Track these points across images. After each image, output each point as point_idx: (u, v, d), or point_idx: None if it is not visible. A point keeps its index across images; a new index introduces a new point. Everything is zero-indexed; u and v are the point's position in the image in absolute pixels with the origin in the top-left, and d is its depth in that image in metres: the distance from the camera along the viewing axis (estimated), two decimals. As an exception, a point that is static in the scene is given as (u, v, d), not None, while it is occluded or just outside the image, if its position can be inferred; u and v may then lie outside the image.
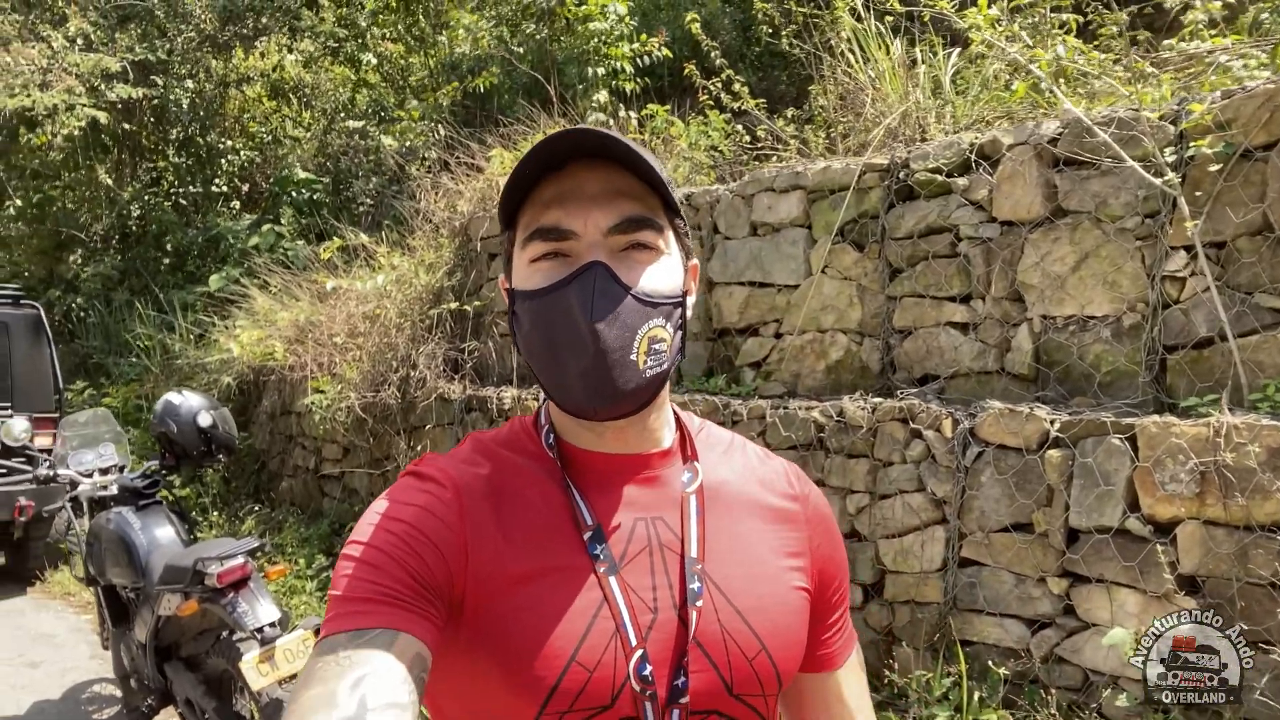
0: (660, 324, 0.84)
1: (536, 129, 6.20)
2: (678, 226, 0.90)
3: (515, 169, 0.83)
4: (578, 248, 0.83)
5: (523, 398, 4.79)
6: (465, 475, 0.87)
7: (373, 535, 0.80)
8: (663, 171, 0.84)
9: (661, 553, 0.87)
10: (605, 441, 0.89)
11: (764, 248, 3.96)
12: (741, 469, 0.97)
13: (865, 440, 3.25)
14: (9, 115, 8.06)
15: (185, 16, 9.21)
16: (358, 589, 0.76)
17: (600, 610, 0.82)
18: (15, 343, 5.98)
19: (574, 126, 0.84)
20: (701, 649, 0.84)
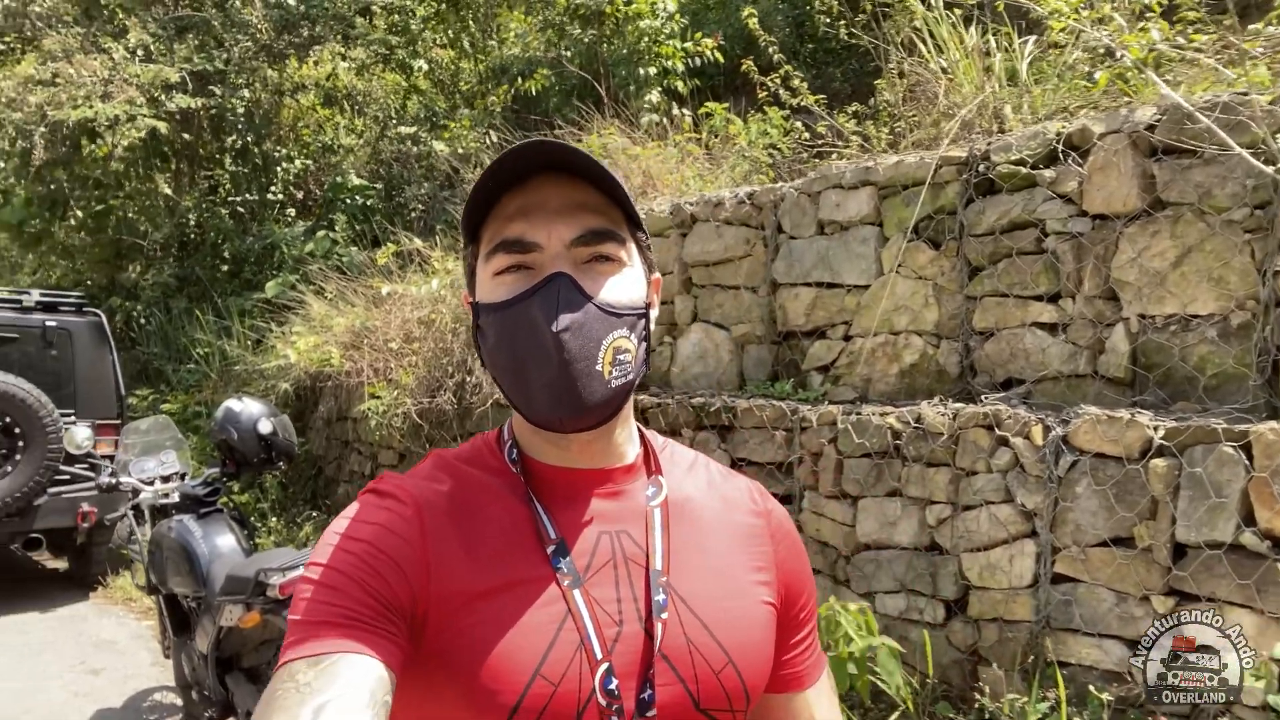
0: (624, 335, 0.84)
1: (590, 130, 6.12)
2: (640, 240, 0.91)
3: (477, 183, 0.83)
4: (541, 260, 0.83)
5: (581, 403, 4.68)
6: (426, 492, 0.86)
7: (332, 556, 0.79)
8: (624, 185, 0.85)
9: (626, 565, 0.87)
10: (570, 456, 0.89)
11: (832, 247, 3.81)
12: (705, 485, 0.98)
13: (946, 448, 3.09)
14: (72, 126, 8.21)
15: (242, 26, 9.31)
16: (318, 612, 0.75)
17: (564, 624, 0.81)
18: (79, 350, 6.05)
19: (534, 139, 0.83)
20: (668, 662, 0.83)
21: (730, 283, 4.29)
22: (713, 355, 4.37)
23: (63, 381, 5.91)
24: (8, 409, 5.34)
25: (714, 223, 4.34)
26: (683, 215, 4.54)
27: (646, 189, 5.53)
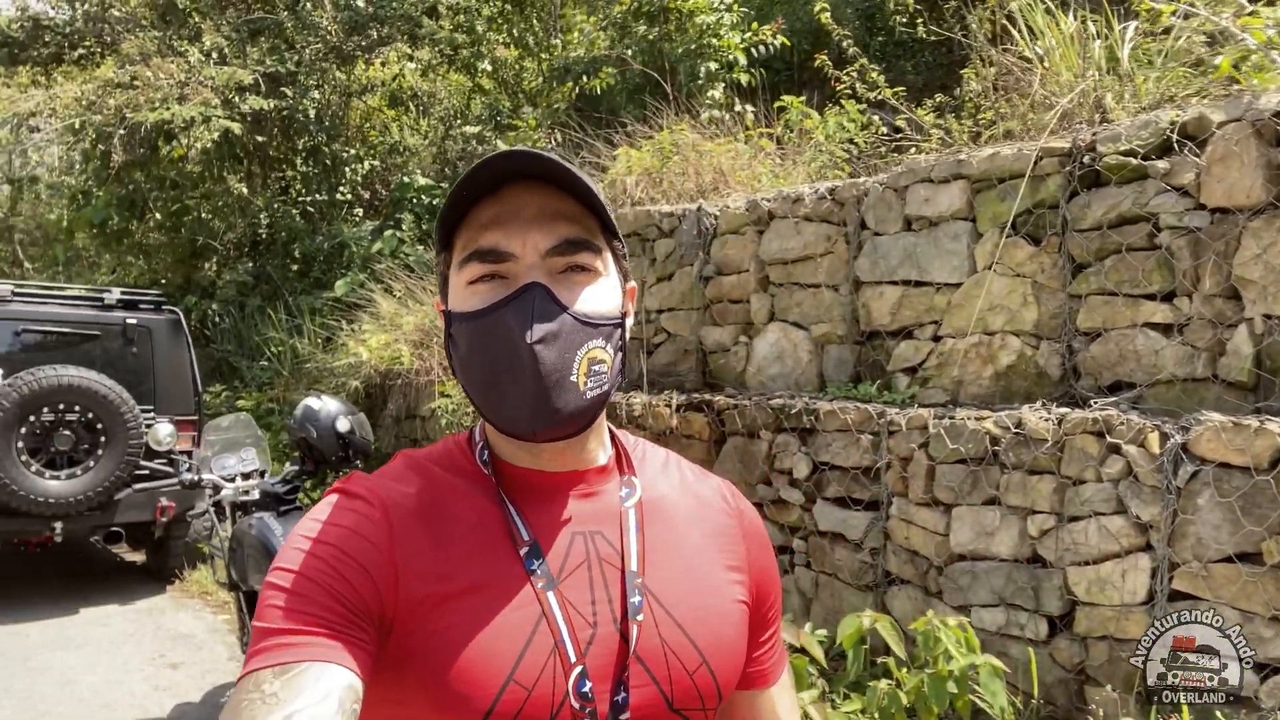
0: (600, 345, 0.84)
1: (657, 127, 6.03)
2: (615, 249, 0.90)
3: (452, 191, 0.82)
4: (516, 269, 0.82)
5: (653, 404, 4.60)
6: (394, 493, 0.85)
7: (298, 560, 0.78)
8: (600, 193, 0.84)
9: (601, 567, 0.86)
10: (542, 460, 0.88)
11: (920, 243, 3.67)
12: (679, 485, 0.97)
13: (1050, 455, 2.92)
14: (149, 128, 8.39)
15: (312, 28, 9.44)
16: (284, 619, 0.74)
17: (538, 626, 0.80)
18: (157, 347, 6.16)
19: (511, 148, 0.81)
20: (642, 664, 0.83)
21: (810, 281, 4.16)
22: (791, 355, 4.24)
23: (142, 378, 6.03)
24: (91, 405, 5.45)
25: (793, 219, 4.22)
26: (759, 212, 4.42)
27: (718, 185, 5.43)
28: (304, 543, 0.80)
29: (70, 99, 8.78)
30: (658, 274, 5.05)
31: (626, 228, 5.27)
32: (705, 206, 4.80)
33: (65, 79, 9.48)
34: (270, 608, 0.75)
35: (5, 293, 5.72)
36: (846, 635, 2.84)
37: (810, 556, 3.76)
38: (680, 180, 5.51)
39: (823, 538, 3.70)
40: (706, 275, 4.72)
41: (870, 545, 3.50)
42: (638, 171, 5.47)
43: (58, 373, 5.35)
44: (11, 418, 5.20)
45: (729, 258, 4.61)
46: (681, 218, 4.92)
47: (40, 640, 5.16)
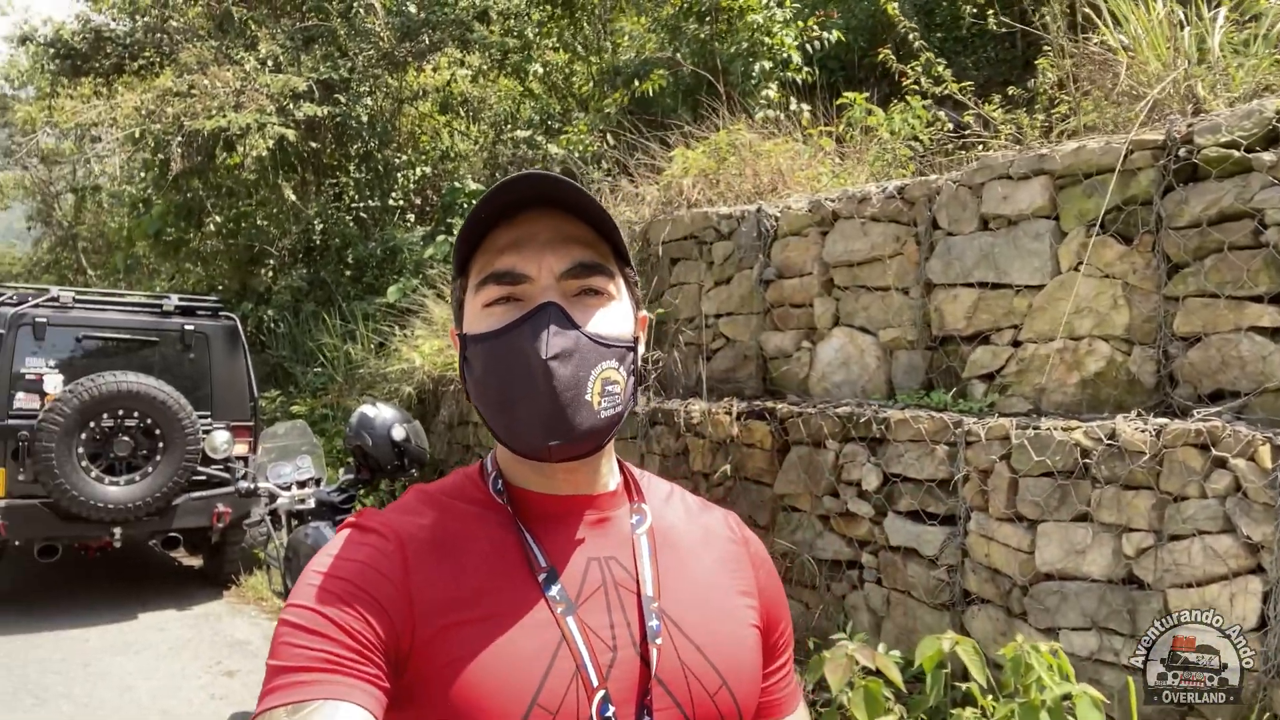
0: (613, 366, 0.84)
1: (712, 128, 5.90)
2: (628, 275, 0.91)
3: (469, 216, 0.84)
4: (531, 291, 0.84)
5: (712, 411, 4.47)
6: (409, 525, 0.85)
7: (312, 596, 0.78)
8: (614, 220, 0.86)
9: (617, 592, 0.86)
10: (555, 484, 0.89)
11: (997, 243, 3.48)
12: (684, 514, 0.98)
13: (1148, 469, 2.73)
14: (206, 136, 8.49)
15: (365, 35, 9.48)
16: (296, 657, 0.74)
17: (559, 651, 0.80)
18: (214, 353, 6.19)
19: (525, 172, 0.83)
20: (664, 686, 0.83)
21: (877, 284, 4.00)
22: (857, 362, 4.08)
23: (199, 384, 6.06)
24: (150, 411, 5.48)
25: (859, 219, 4.06)
26: (823, 212, 4.27)
27: (776, 186, 5.28)
28: (318, 579, 0.79)
29: (130, 108, 8.92)
30: (715, 278, 4.92)
31: (683, 230, 5.15)
32: (765, 207, 4.66)
33: (126, 90, 9.64)
34: (283, 645, 0.75)
35: (66, 300, 5.78)
36: (926, 658, 2.67)
37: (881, 572, 3.59)
38: (737, 181, 5.36)
39: (894, 553, 3.53)
40: (767, 278, 4.57)
41: (946, 562, 3.33)
42: (694, 173, 5.34)
43: (117, 379, 5.39)
44: (72, 424, 5.24)
45: (790, 260, 4.46)
46: (740, 219, 4.79)
47: (100, 645, 5.19)
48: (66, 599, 6.02)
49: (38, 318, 5.57)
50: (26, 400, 5.45)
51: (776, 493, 4.09)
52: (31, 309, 5.59)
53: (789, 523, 4.02)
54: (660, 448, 4.79)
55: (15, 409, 5.41)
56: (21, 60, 20.04)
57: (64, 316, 5.71)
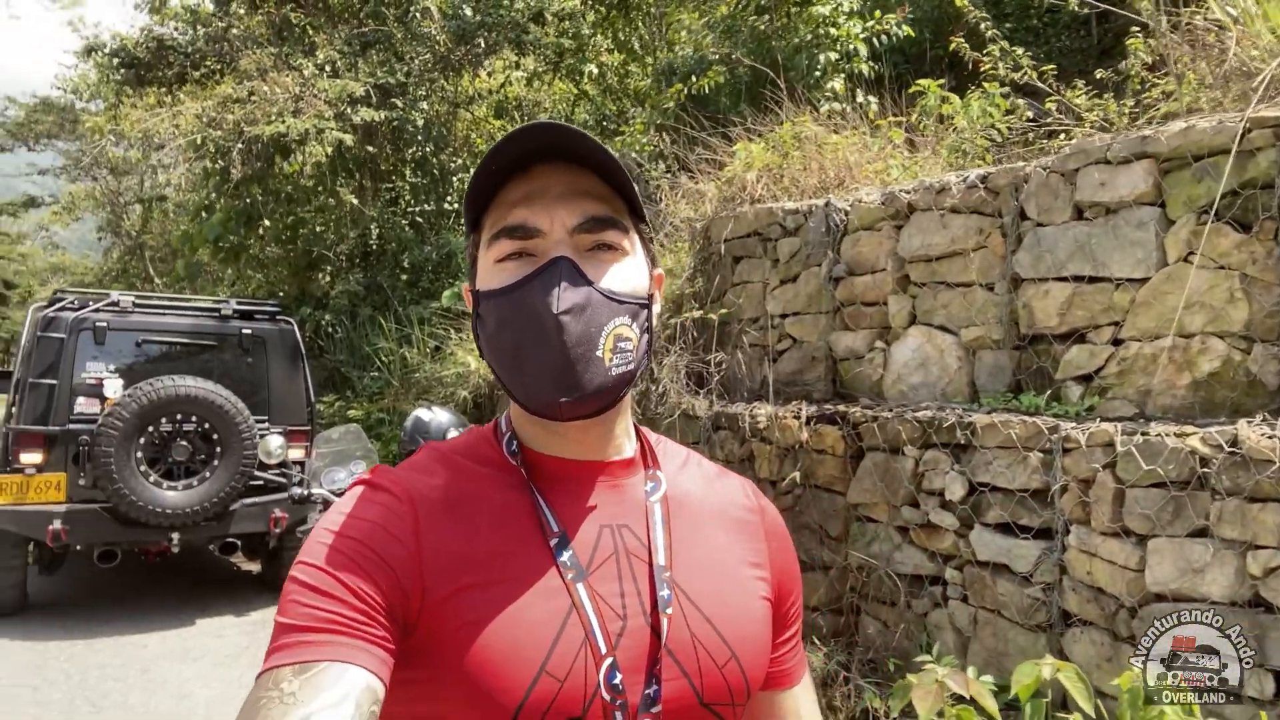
0: (626, 323, 0.84)
1: (774, 123, 5.69)
2: (642, 232, 0.90)
3: (478, 169, 0.82)
4: (543, 245, 0.83)
5: (779, 415, 4.25)
6: (420, 485, 0.84)
7: (321, 555, 0.76)
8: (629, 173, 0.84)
9: (629, 560, 0.85)
10: (568, 446, 0.88)
11: (1095, 233, 3.22)
12: (700, 482, 0.97)
13: (1276, 480, 2.45)
14: (266, 142, 8.52)
15: (421, 39, 9.46)
16: (304, 616, 0.73)
17: (569, 618, 0.80)
18: (272, 357, 6.16)
19: (536, 122, 0.81)
20: (673, 657, 0.82)
21: (958, 279, 3.75)
22: (936, 362, 3.83)
23: (257, 388, 6.03)
24: (207, 415, 5.45)
25: (937, 211, 3.82)
26: (898, 204, 4.03)
27: (843, 180, 5.05)
28: (328, 536, 0.78)
29: (192, 116, 9.02)
30: (781, 275, 4.70)
31: (746, 227, 4.95)
32: (834, 201, 4.43)
33: (189, 99, 9.77)
34: (292, 603, 0.74)
35: (126, 304, 5.79)
36: (1023, 686, 2.41)
37: (967, 589, 3.33)
38: (802, 176, 5.14)
39: (982, 568, 3.27)
40: (836, 276, 4.35)
41: (1042, 579, 3.07)
42: (758, 167, 5.14)
43: (175, 383, 5.37)
44: (131, 428, 5.23)
45: (862, 256, 4.23)
46: (808, 214, 4.56)
47: (159, 651, 5.16)
48: (125, 604, 6.02)
49: (98, 322, 5.59)
50: (87, 405, 5.46)
51: (850, 502, 3.86)
52: (92, 314, 5.60)
53: (863, 534, 3.79)
54: (724, 453, 4.59)
55: (76, 413, 5.42)
56: (91, 74, 20.66)
57: (124, 321, 5.72)
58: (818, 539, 4.02)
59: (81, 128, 21.67)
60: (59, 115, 23.55)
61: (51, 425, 5.32)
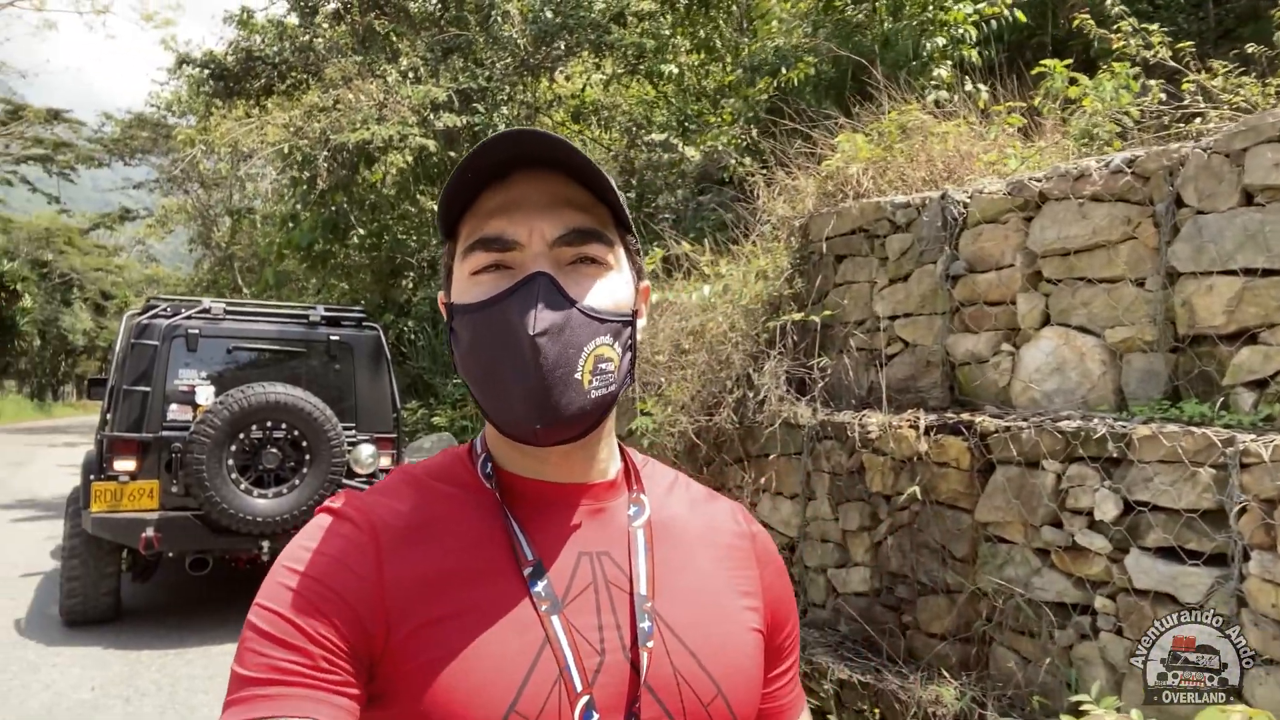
0: (607, 342, 0.79)
1: (872, 115, 5.37)
2: (629, 243, 0.86)
3: (454, 175, 0.78)
4: (521, 259, 0.79)
5: (894, 425, 3.94)
6: (385, 511, 0.80)
7: (278, 596, 0.73)
8: (614, 184, 0.80)
9: (608, 590, 0.81)
10: (547, 469, 0.84)
11: (1269, 220, 2.85)
12: (687, 505, 0.93)
13: None
14: (351, 149, 8.54)
15: (502, 44, 9.39)
16: (259, 667, 0.70)
17: (542, 653, 0.75)
18: (359, 364, 6.09)
19: (516, 129, 0.76)
20: (653, 694, 0.78)
21: (1101, 274, 3.40)
22: (1075, 367, 3.48)
23: (344, 395, 5.96)
24: (297, 423, 5.39)
25: (1075, 200, 3.47)
26: (1027, 194, 3.69)
27: (954, 171, 4.71)
28: (287, 576, 0.75)
29: (279, 125, 9.11)
30: (890, 275, 4.39)
31: (850, 224, 4.65)
32: (951, 193, 4.11)
33: (276, 109, 9.88)
34: (248, 651, 0.71)
35: (217, 311, 5.79)
36: (1210, 736, 2.10)
37: (1122, 620, 2.98)
38: (909, 169, 4.82)
39: (1140, 597, 2.92)
40: (954, 273, 4.02)
41: (1216, 611, 2.70)
42: (863, 159, 4.84)
43: (265, 390, 5.32)
44: (223, 435, 5.19)
45: (984, 251, 3.89)
46: (921, 208, 4.25)
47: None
48: (216, 613, 6.01)
49: (190, 329, 5.59)
50: (179, 412, 5.46)
51: (978, 520, 3.53)
52: (184, 321, 5.61)
53: (994, 556, 3.46)
54: (830, 465, 4.30)
55: (169, 420, 5.42)
56: (182, 91, 21.37)
57: (215, 328, 5.71)
58: (940, 560, 3.70)
59: (174, 142, 22.49)
60: (152, 130, 24.50)
61: (145, 432, 5.33)
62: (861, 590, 4.08)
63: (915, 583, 3.77)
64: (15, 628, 5.54)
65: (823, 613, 4.30)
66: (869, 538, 4.06)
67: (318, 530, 0.79)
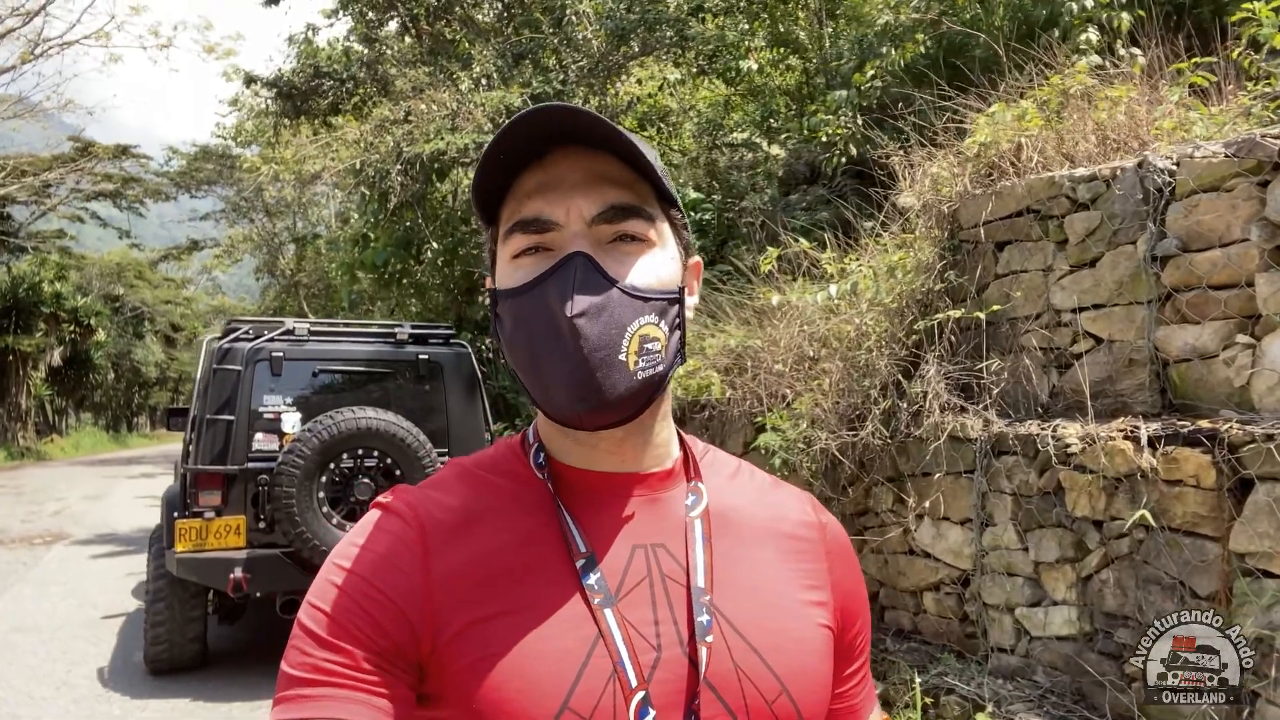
0: (652, 321, 0.76)
1: (1017, 87, 4.76)
2: (674, 218, 0.83)
3: (483, 157, 0.76)
4: (560, 239, 0.76)
5: (1100, 435, 3.32)
6: (434, 507, 0.78)
7: (326, 595, 0.72)
8: (654, 157, 0.77)
9: (664, 584, 0.77)
10: (599, 458, 0.80)
11: None
12: (753, 495, 0.89)
13: None
14: (425, 161, 8.17)
15: (577, 46, 8.97)
16: (304, 666, 0.69)
17: (595, 649, 0.72)
18: (450, 384, 5.64)
19: (547, 104, 0.72)
20: (714, 690, 0.74)
21: (1383, 244, 2.75)
22: (1348, 359, 2.83)
23: (435, 417, 5.51)
24: (389, 449, 4.95)
25: (1339, 156, 2.83)
26: (1262, 154, 3.06)
27: (1125, 142, 4.08)
28: (336, 574, 0.74)
29: (350, 141, 8.80)
30: (1072, 260, 3.77)
31: (1013, 204, 4.05)
32: (1152, 159, 3.49)
33: (346, 126, 9.60)
34: (293, 649, 0.71)
35: (301, 332, 5.38)
36: None
37: None
38: (1072, 141, 4.20)
39: None
40: (1162, 254, 3.40)
41: None
42: (1019, 130, 4.23)
43: (355, 415, 4.88)
44: (313, 465, 4.76)
45: (1203, 226, 3.27)
46: (1111, 180, 3.63)
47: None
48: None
49: (274, 352, 5.18)
50: (265, 441, 5.05)
51: (1231, 550, 2.89)
52: (267, 343, 5.21)
53: (1260, 594, 2.81)
54: (1014, 485, 3.68)
55: (254, 450, 5.02)
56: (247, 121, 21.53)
57: (299, 350, 5.30)
58: (1175, 598, 3.06)
59: (239, 172, 22.65)
60: (217, 162, 24.76)
61: (230, 464, 4.92)
62: (1066, 634, 3.45)
63: (1146, 627, 3.13)
64: (99, 678, 5.17)
65: (1011, 659, 3.67)
66: (1073, 571, 3.43)
67: (367, 527, 0.78)
